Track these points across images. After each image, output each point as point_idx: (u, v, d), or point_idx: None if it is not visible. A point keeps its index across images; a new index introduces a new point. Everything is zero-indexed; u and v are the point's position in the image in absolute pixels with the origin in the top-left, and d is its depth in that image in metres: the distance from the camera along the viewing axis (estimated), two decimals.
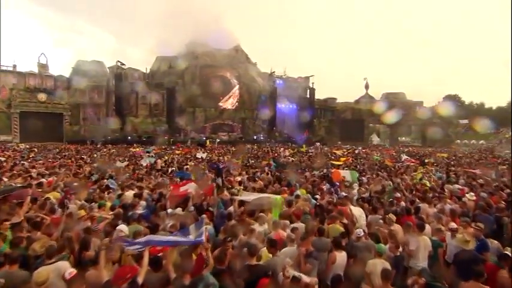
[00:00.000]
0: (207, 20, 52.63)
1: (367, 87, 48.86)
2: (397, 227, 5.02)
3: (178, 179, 10.34)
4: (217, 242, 4.11)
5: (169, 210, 5.60)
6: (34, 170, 11.08)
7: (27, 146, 26.58)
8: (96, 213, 5.22)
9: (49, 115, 36.36)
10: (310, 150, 26.66)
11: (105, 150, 22.75)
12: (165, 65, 41.57)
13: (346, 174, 9.20)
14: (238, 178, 9.29)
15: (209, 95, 43.23)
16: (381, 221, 5.35)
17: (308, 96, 47.07)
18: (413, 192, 8.19)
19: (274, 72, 46.15)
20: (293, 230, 4.67)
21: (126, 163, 12.89)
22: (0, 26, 46.16)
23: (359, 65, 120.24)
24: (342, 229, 4.87)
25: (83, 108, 38.18)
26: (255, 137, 40.18)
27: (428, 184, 8.98)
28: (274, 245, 4.10)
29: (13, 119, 34.99)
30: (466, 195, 7.49)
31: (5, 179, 8.89)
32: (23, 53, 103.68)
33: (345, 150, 24.50)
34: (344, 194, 7.43)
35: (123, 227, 4.38)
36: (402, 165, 14.37)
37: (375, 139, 49.61)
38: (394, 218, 5.26)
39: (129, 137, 34.66)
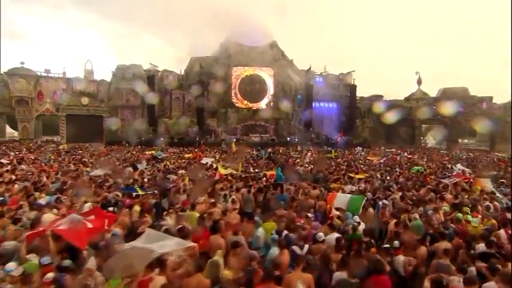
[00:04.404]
0: (242, 16, 51.09)
1: (419, 82, 42.78)
2: None
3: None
4: None
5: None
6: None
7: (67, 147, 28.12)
8: None
9: (91, 117, 38.51)
10: (344, 155, 23.36)
11: (123, 152, 22.39)
12: (198, 65, 41.10)
13: (343, 200, 6.24)
14: (201, 199, 7.02)
15: (242, 95, 41.85)
16: None
17: (349, 94, 42.89)
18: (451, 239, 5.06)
19: (310, 68, 42.81)
20: None
21: (103, 171, 11.24)
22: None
23: (410, 59, 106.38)
24: None
25: (120, 110, 39.59)
26: (288, 139, 37.57)
27: (476, 225, 5.23)
28: None
29: (60, 121, 37.81)
30: None
31: None
32: (72, 60, 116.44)
33: (381, 156, 20.52)
34: (323, 237, 4.78)
35: None
36: (450, 182, 10.55)
37: (430, 141, 43.12)
38: None
39: (162, 138, 34.93)
